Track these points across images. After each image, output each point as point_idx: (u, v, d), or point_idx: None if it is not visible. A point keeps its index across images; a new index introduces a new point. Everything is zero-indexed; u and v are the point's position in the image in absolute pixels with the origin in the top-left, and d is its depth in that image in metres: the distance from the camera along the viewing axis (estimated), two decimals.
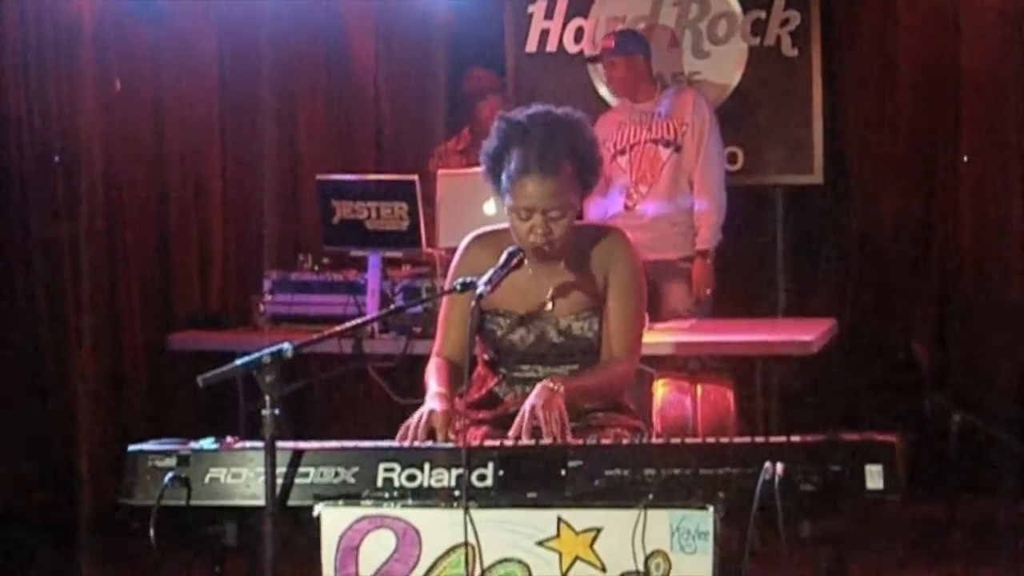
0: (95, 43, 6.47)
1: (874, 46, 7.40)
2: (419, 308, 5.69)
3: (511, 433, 3.52)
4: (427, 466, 3.36)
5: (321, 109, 7.60)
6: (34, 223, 6.13)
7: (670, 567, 3.23)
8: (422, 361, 4.01)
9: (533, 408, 3.52)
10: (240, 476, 3.45)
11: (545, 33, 7.69)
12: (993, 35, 7.05)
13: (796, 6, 7.35)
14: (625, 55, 6.69)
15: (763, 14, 7.40)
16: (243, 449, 3.50)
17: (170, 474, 3.45)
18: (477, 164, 6.52)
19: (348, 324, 3.99)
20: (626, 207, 6.61)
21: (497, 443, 3.47)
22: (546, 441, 3.45)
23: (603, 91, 7.52)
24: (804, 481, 3.20)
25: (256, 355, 3.29)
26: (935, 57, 7.22)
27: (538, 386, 3.63)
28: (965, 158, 7.16)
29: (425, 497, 3.34)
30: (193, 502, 3.45)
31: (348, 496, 3.37)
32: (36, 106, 6.17)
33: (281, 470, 3.36)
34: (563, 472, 3.29)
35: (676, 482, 3.24)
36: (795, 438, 3.30)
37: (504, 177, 3.77)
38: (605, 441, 3.47)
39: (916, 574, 5.65)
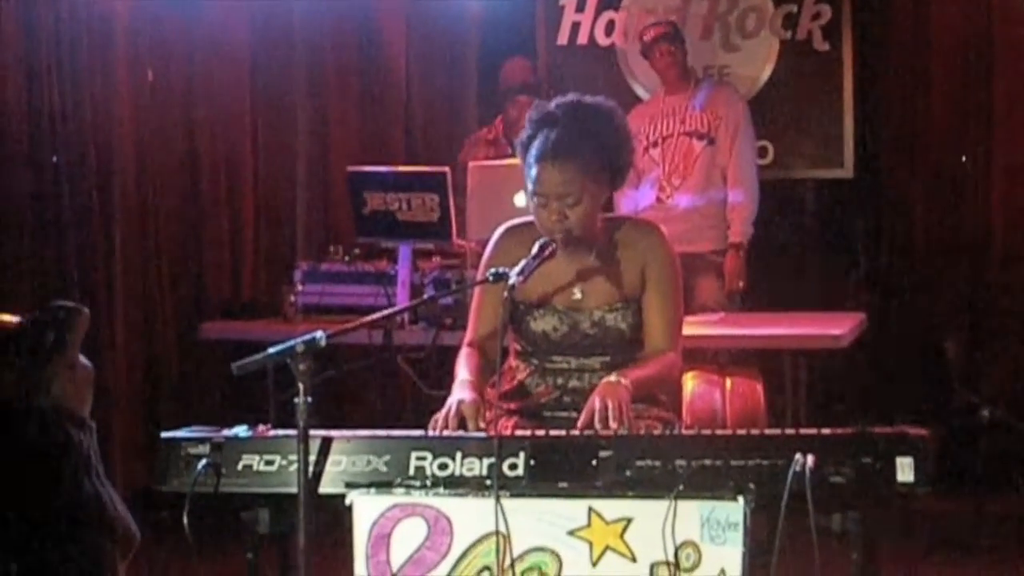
0: (128, 35, 6.49)
1: (906, 40, 7.38)
2: (449, 299, 5.71)
3: (580, 424, 3.52)
4: (459, 455, 3.37)
5: (353, 100, 7.62)
6: (67, 214, 6.16)
7: (700, 558, 3.24)
8: (452, 352, 4.02)
9: (603, 399, 3.51)
10: (273, 464, 3.47)
11: (576, 25, 7.70)
12: None
13: (828, 0, 7.34)
14: (679, 42, 6.71)
15: (794, 8, 7.40)
16: (276, 437, 3.52)
17: (203, 461, 3.46)
18: (504, 155, 6.58)
19: (379, 314, 3.98)
20: (658, 199, 6.62)
21: (528, 433, 3.48)
22: (610, 430, 3.44)
23: (634, 84, 7.53)
24: (835, 473, 3.20)
25: (290, 343, 3.30)
26: (968, 51, 7.20)
27: (603, 381, 3.63)
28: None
29: (457, 486, 3.35)
30: (226, 489, 3.46)
31: (380, 484, 3.39)
32: (70, 98, 6.19)
33: (313, 458, 3.37)
34: (594, 462, 3.30)
35: (707, 473, 3.25)
36: (826, 430, 3.30)
37: (527, 165, 3.78)
38: (636, 432, 3.48)
39: (944, 568, 5.65)
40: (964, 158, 7.15)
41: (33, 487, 3.08)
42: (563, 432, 3.45)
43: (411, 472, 3.38)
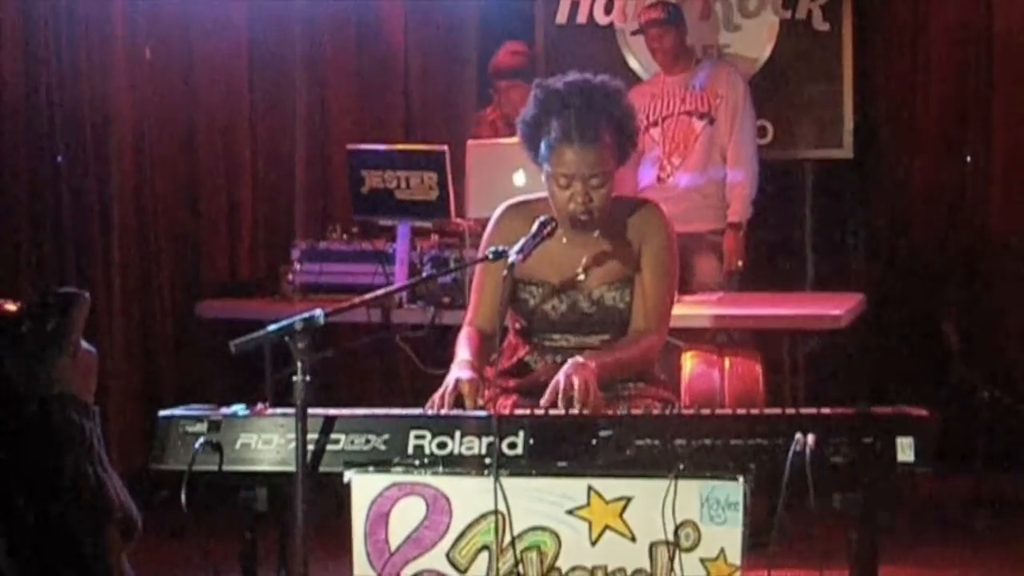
0: (126, 13, 6.47)
1: (906, 20, 7.36)
2: (447, 278, 5.71)
3: (543, 402, 3.52)
4: (458, 434, 3.37)
5: (351, 79, 7.58)
6: (65, 192, 6.15)
7: (700, 537, 3.24)
8: (450, 331, 4.02)
9: (568, 377, 3.51)
10: (271, 442, 3.47)
11: (576, 5, 7.67)
12: None
13: None
14: (674, 23, 6.68)
15: None
16: (274, 415, 3.52)
17: (201, 439, 3.46)
18: (507, 135, 6.54)
19: (377, 293, 3.97)
20: (658, 179, 6.62)
21: (528, 412, 3.48)
22: (577, 410, 3.45)
23: (633, 63, 7.50)
24: (835, 453, 3.20)
25: (288, 321, 3.30)
26: (967, 32, 7.18)
27: (569, 360, 3.63)
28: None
29: (455, 465, 3.35)
30: (224, 467, 3.47)
31: (379, 463, 3.39)
32: (67, 77, 6.17)
33: (312, 437, 3.38)
34: (594, 441, 3.30)
35: (706, 452, 3.25)
36: (826, 410, 3.30)
37: (543, 145, 3.77)
38: (636, 411, 3.47)
39: (942, 548, 5.65)
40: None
41: (35, 473, 3.07)
42: (562, 411, 3.44)
43: (410, 451, 3.38)
